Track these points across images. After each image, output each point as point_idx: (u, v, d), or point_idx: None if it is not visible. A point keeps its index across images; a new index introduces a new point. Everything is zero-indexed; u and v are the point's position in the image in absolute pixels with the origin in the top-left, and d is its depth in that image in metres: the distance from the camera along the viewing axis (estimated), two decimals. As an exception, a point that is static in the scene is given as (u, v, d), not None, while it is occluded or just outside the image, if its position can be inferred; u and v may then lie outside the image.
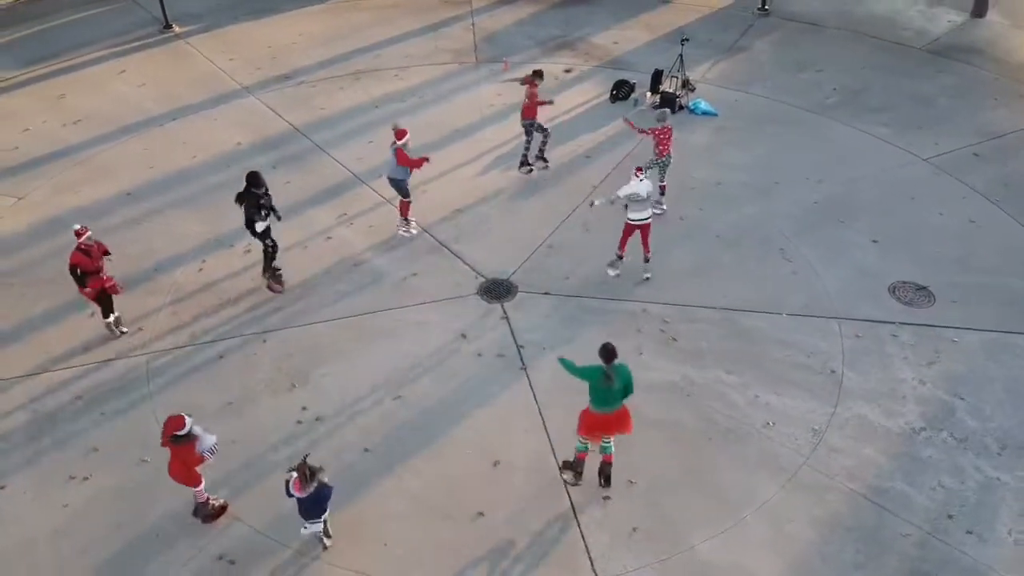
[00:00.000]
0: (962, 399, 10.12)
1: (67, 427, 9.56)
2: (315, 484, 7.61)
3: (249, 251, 11.95)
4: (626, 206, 11.16)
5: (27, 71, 16.43)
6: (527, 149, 13.76)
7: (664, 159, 12.59)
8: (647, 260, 11.63)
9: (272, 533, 8.48)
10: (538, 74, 13.33)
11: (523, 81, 13.21)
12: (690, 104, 15.72)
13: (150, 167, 13.80)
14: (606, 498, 8.94)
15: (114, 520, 8.58)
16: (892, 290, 11.66)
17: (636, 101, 15.91)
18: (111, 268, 10.68)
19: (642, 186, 10.99)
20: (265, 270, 11.45)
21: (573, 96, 16.04)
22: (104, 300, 10.37)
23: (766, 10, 18.97)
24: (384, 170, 12.27)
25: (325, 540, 8.29)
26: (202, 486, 8.33)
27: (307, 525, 7.96)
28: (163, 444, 8.01)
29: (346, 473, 9.07)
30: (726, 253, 12.29)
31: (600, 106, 15.77)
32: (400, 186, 12.05)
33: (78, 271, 10.07)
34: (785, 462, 9.34)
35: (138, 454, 9.22)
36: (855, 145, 14.70)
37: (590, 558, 8.36)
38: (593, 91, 16.21)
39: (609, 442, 8.85)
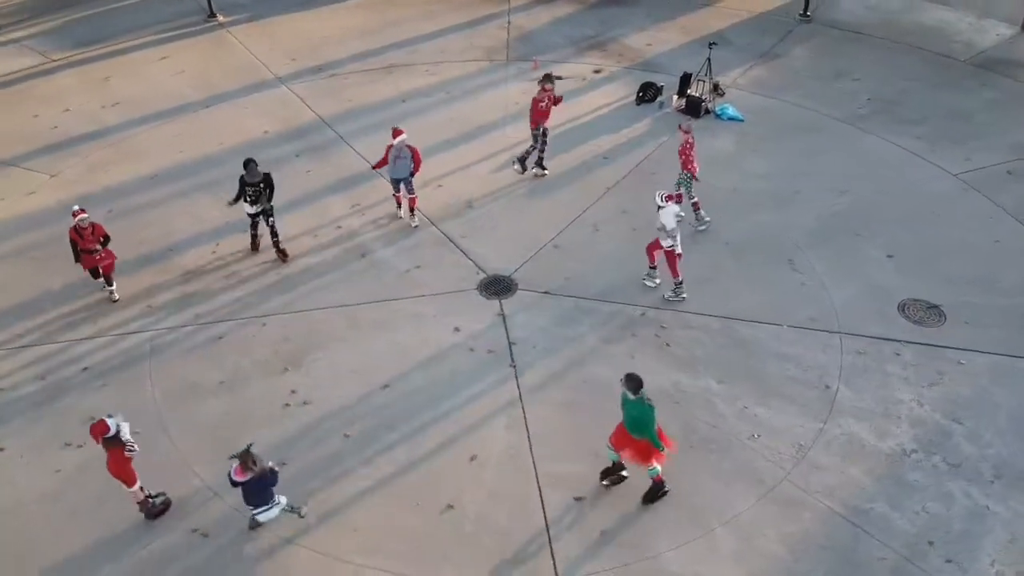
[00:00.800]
0: (961, 423, 9.79)
1: (69, 395, 10.00)
2: (256, 471, 7.79)
3: (261, 236, 12.27)
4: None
5: (77, 53, 17.13)
6: (531, 150, 13.70)
7: (687, 177, 12.41)
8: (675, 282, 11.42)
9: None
10: (548, 78, 13.30)
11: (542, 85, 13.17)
12: (717, 109, 15.51)
13: (180, 151, 14.26)
14: (577, 499, 8.94)
15: (101, 487, 8.91)
16: (902, 307, 11.34)
17: (662, 104, 15.77)
18: (121, 247, 11.13)
19: (665, 214, 10.81)
20: (276, 247, 11.95)
21: (598, 97, 15.98)
22: (96, 275, 10.89)
23: (808, 16, 18.54)
24: (392, 172, 12.31)
25: (300, 510, 8.50)
26: (136, 486, 8.45)
27: (255, 512, 8.12)
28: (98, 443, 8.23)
29: (325, 457, 9.29)
30: (733, 261, 12.11)
31: (625, 108, 15.67)
32: (410, 184, 12.21)
33: (75, 246, 10.63)
34: (764, 475, 9.19)
35: (131, 425, 9.56)
36: (884, 157, 14.30)
37: (553, 559, 8.39)
38: (620, 92, 16.11)
39: (653, 467, 8.76)
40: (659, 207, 10.89)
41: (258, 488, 7.94)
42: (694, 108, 15.43)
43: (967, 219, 12.82)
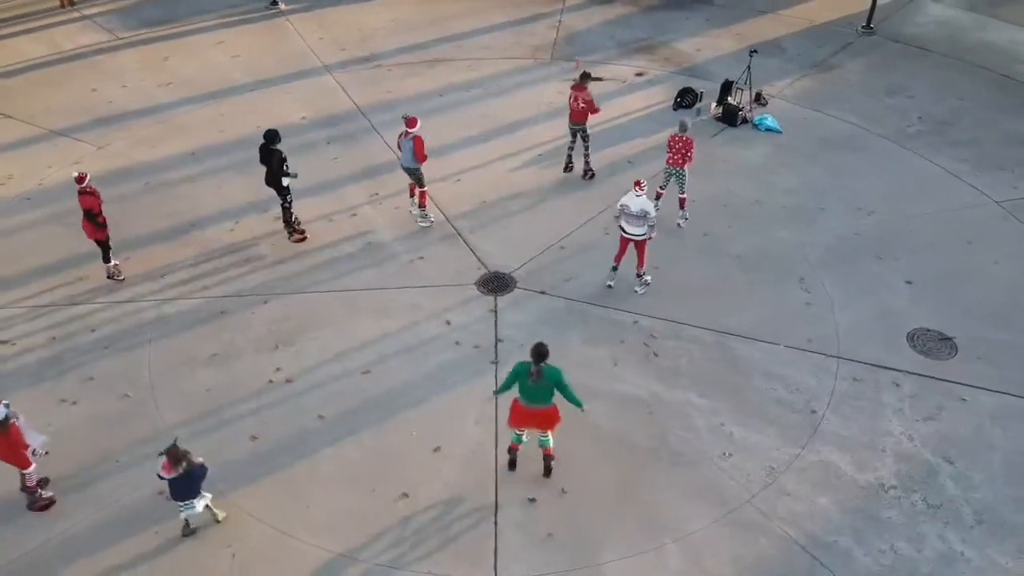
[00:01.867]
0: (950, 463, 9.31)
1: (75, 356, 10.58)
2: (183, 467, 7.99)
3: (278, 218, 12.66)
4: (618, 216, 10.96)
5: (142, 33, 18.01)
6: (571, 151, 13.73)
7: (669, 168, 12.29)
8: (638, 275, 11.36)
9: (212, 478, 9.01)
10: (586, 76, 13.25)
11: (579, 80, 13.13)
12: (755, 119, 15.12)
13: (220, 131, 14.84)
14: (532, 500, 8.93)
15: (86, 443, 9.45)
16: (911, 336, 10.83)
17: (699, 111, 15.46)
18: (148, 219, 11.68)
19: (634, 201, 10.73)
20: (287, 224, 12.24)
21: (636, 100, 15.80)
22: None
23: (871, 29, 17.83)
24: (400, 161, 12.53)
25: (217, 513, 8.58)
26: (31, 469, 8.60)
27: (181, 507, 8.27)
28: None
29: (295, 434, 9.57)
30: (741, 275, 11.81)
31: (661, 113, 15.43)
32: (418, 175, 12.36)
33: (92, 213, 11.20)
34: (728, 496, 8.96)
35: (124, 389, 10.09)
36: (924, 179, 13.67)
37: (495, 556, 8.41)
38: (658, 97, 15.88)
39: (547, 436, 8.83)
40: (635, 196, 10.78)
41: (186, 483, 8.11)
42: (731, 116, 15.09)
43: (1002, 249, 12.14)
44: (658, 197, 12.74)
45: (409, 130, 11.96)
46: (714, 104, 15.38)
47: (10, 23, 18.35)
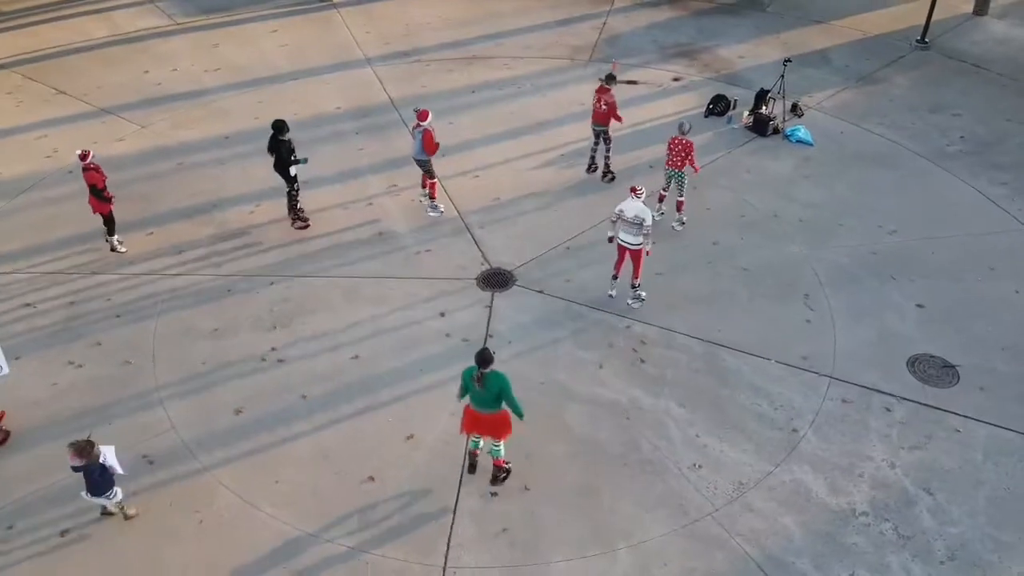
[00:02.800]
0: (931, 494, 8.97)
1: (88, 322, 11.15)
2: (86, 461, 8.08)
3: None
4: (615, 221, 10.90)
5: (199, 19, 18.76)
6: (594, 151, 13.74)
7: (669, 170, 12.20)
8: (633, 287, 11.26)
9: (193, 446, 9.48)
10: (611, 79, 13.22)
11: (604, 82, 13.13)
12: (787, 130, 14.78)
13: (255, 118, 15.34)
14: (493, 494, 9.02)
15: (85, 403, 9.99)
16: (912, 361, 10.46)
17: (730, 119, 15.22)
18: (174, 197, 12.20)
19: (631, 206, 10.64)
20: (291, 211, 12.62)
21: (668, 105, 15.65)
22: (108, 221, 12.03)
23: (926, 43, 17.18)
24: (411, 152, 12.73)
25: (126, 511, 8.70)
26: None
27: (86, 495, 8.38)
28: None
29: (277, 412, 9.89)
30: (745, 287, 11.61)
31: (690, 119, 15.17)
32: (427, 166, 12.56)
33: (97, 188, 11.66)
34: (690, 507, 8.86)
35: (125, 356, 10.61)
36: (956, 200, 13.15)
37: (448, 545, 8.53)
38: (691, 103, 15.69)
39: (498, 446, 8.88)
40: (632, 200, 10.68)
41: (100, 478, 8.23)
42: (761, 126, 14.81)
43: (1025, 278, 11.61)
44: (660, 200, 12.66)
45: (420, 123, 12.19)
46: (746, 113, 15.11)
47: (77, 3, 19.37)
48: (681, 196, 12.36)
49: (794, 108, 15.33)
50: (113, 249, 12.21)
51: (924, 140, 14.52)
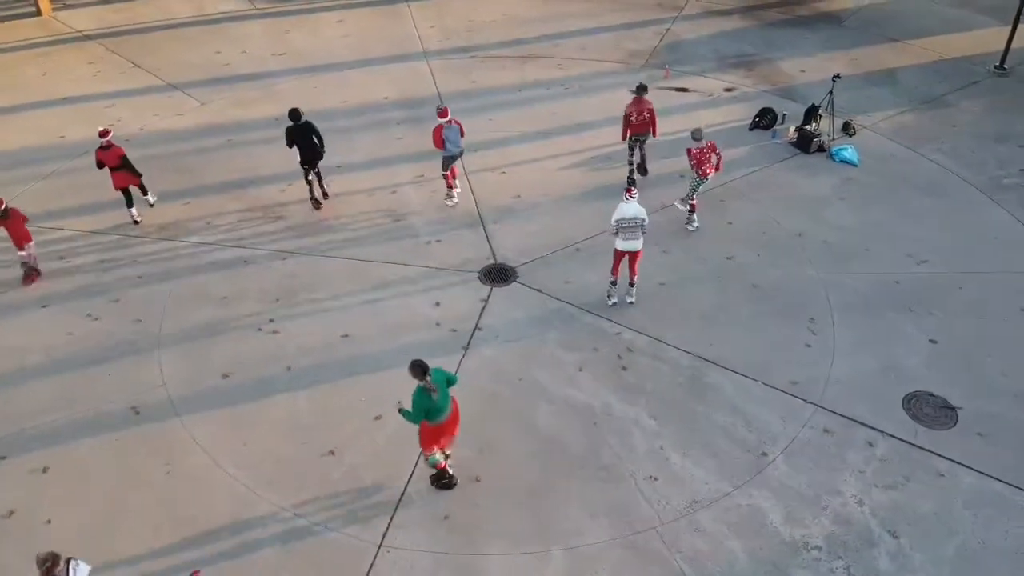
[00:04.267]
0: (895, 537, 8.49)
1: (112, 281, 11.91)
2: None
3: (329, 184, 13.53)
4: (616, 232, 10.77)
5: (277, 6, 19.67)
6: (632, 164, 13.61)
7: (699, 180, 12.07)
8: (632, 284, 11.14)
9: (177, 403, 10.01)
10: (642, 88, 13.08)
11: (638, 92, 13.03)
12: (833, 148, 14.20)
13: (308, 102, 15.87)
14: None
15: (92, 353, 10.71)
16: (908, 398, 9.91)
17: (774, 133, 14.76)
18: (213, 172, 12.95)
19: (629, 208, 10.53)
20: (312, 194, 13.15)
21: (715, 115, 15.31)
22: (126, 194, 12.66)
23: (1004, 69, 16.15)
24: (450, 149, 12.93)
25: None
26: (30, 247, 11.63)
27: None
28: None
29: (261, 380, 10.31)
30: (749, 305, 11.27)
31: (736, 131, 14.87)
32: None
33: (102, 165, 12.38)
34: (637, 519, 8.70)
35: (138, 315, 11.29)
36: (1000, 235, 12.33)
37: (389, 524, 8.70)
38: (739, 114, 15.30)
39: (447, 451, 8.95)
40: (627, 203, 10.62)
41: None
42: (805, 142, 14.30)
43: (1058, 324, 10.77)
44: (692, 210, 12.42)
45: (449, 118, 12.45)
46: (792, 128, 14.61)
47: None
48: (694, 199, 12.24)
49: (846, 127, 14.72)
50: (136, 222, 13.01)
51: (980, 170, 13.67)
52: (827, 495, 8.91)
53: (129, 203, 12.77)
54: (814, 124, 14.40)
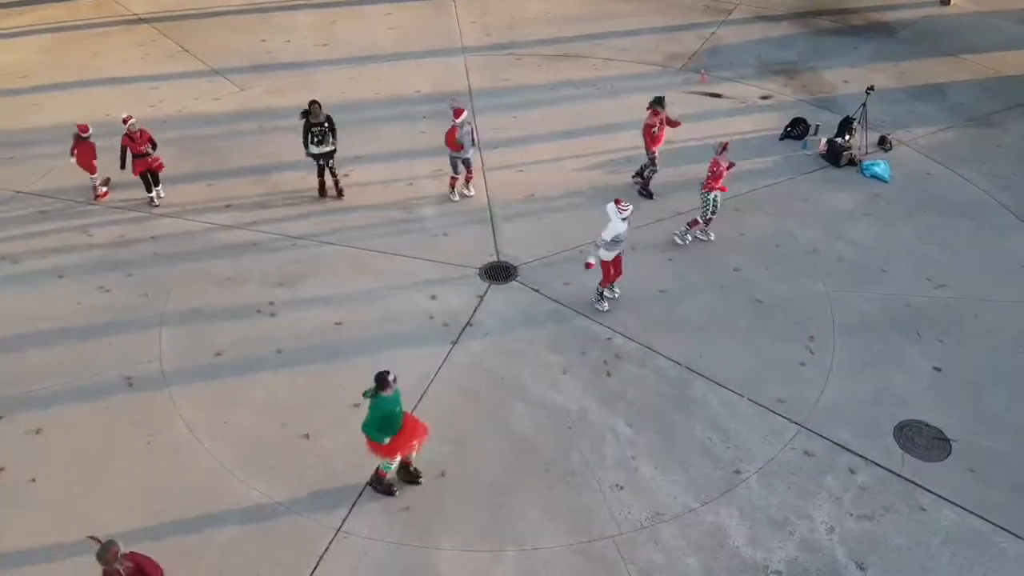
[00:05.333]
0: (863, 569, 8.17)
1: (128, 256, 12.32)
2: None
3: (348, 175, 13.75)
4: (601, 246, 10.60)
5: (328, -2, 20.12)
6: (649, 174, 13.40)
7: (709, 195, 11.81)
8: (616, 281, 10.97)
9: (169, 377, 10.29)
10: (659, 101, 12.83)
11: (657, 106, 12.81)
12: (865, 163, 13.69)
13: (341, 92, 16.23)
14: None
15: (96, 324, 11.12)
16: (900, 427, 9.50)
17: (805, 144, 14.31)
18: (241, 157, 13.40)
19: (623, 224, 10.37)
20: (336, 183, 13.37)
21: (746, 123, 14.95)
22: (145, 179, 13.05)
23: (1063, 87, 15.28)
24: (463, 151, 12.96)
25: None
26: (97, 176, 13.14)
27: None
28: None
29: (251, 359, 10.53)
30: (748, 319, 10.98)
31: (766, 140, 14.50)
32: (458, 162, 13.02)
33: (126, 151, 12.83)
34: (595, 527, 8.59)
35: (146, 290, 11.66)
36: (1030, 263, 11.69)
37: (350, 511, 8.80)
38: (771, 123, 14.90)
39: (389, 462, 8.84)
40: (621, 218, 10.46)
41: None
42: (835, 155, 13.82)
43: (1077, 360, 10.14)
44: (708, 223, 12.13)
45: (455, 119, 12.50)
46: (824, 140, 14.14)
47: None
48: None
49: (882, 141, 14.18)
50: (155, 203, 13.42)
51: (1019, 194, 12.98)
52: (797, 519, 8.62)
53: (149, 187, 13.26)
54: (848, 136, 13.93)
